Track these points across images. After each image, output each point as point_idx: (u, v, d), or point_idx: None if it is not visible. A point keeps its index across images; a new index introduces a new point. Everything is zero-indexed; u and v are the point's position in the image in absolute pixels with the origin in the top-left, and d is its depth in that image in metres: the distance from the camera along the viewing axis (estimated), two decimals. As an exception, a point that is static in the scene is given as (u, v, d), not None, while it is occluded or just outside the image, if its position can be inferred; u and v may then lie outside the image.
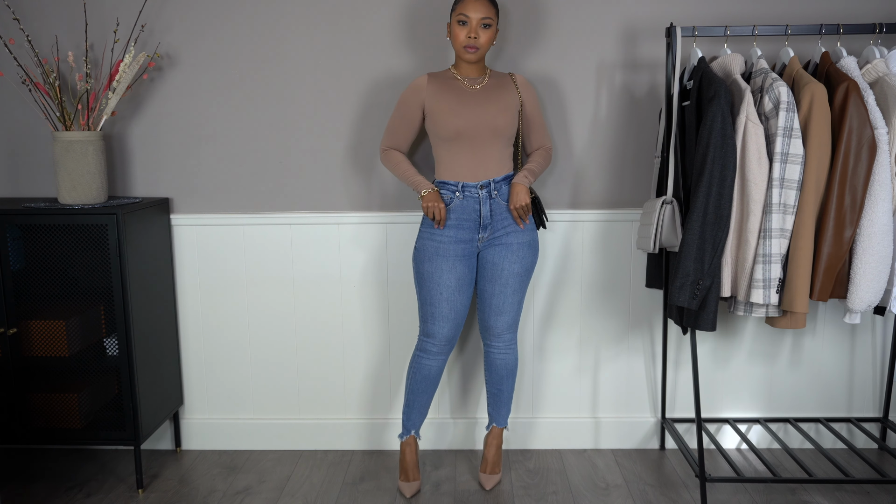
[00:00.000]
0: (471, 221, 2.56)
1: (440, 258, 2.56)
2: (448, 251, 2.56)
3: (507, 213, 2.57)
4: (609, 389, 3.03)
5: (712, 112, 2.34)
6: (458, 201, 2.55)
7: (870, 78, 2.46)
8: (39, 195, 2.96)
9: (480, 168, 2.54)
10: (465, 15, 2.44)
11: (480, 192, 2.54)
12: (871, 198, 2.38)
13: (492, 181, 2.55)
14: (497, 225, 2.58)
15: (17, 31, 2.85)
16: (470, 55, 2.48)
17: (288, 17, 2.83)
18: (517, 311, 2.65)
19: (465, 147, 2.53)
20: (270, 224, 2.94)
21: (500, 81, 2.60)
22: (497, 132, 2.52)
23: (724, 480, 2.50)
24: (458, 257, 2.57)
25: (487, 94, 2.55)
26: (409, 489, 2.69)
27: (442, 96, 2.54)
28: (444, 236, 2.56)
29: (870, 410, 3.02)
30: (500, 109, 2.52)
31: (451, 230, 2.57)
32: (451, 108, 2.51)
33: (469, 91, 2.54)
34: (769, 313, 2.46)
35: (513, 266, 2.58)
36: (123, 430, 2.68)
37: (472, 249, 2.60)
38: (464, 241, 2.57)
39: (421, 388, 2.68)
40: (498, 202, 2.57)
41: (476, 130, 2.51)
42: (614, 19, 2.81)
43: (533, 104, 2.63)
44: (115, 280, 2.59)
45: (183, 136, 2.91)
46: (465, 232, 2.57)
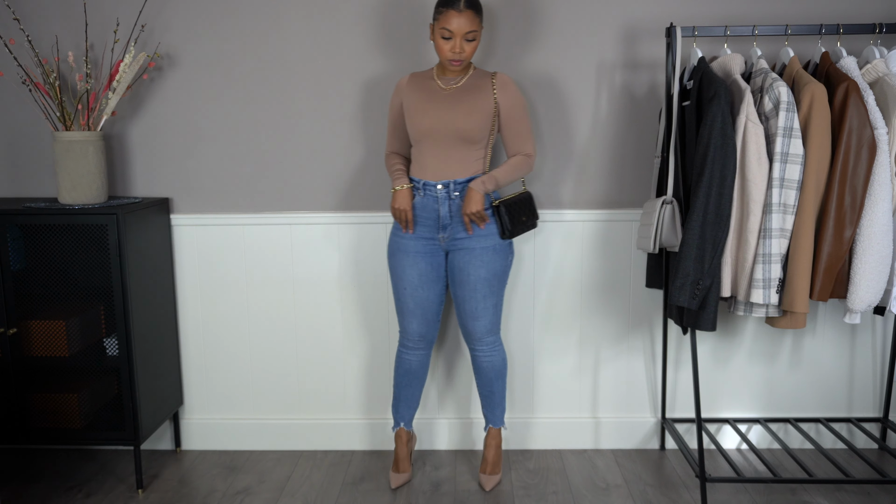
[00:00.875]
0: (431, 220, 2.57)
1: (402, 254, 2.60)
2: (409, 247, 2.59)
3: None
4: (609, 389, 3.03)
5: (712, 112, 2.34)
6: (419, 198, 2.57)
7: (870, 78, 2.46)
8: (39, 195, 2.96)
9: (443, 168, 2.53)
10: (449, 30, 2.40)
11: (440, 191, 2.53)
12: (870, 198, 2.38)
13: (452, 182, 2.53)
14: (457, 227, 2.56)
15: (17, 31, 2.85)
16: (455, 67, 2.47)
17: (288, 17, 2.83)
18: (494, 314, 2.63)
19: (431, 147, 2.52)
20: (270, 224, 2.94)
21: (479, 82, 2.54)
22: (462, 135, 2.49)
23: (725, 481, 2.50)
24: (420, 254, 2.59)
25: (459, 95, 2.51)
26: (395, 480, 2.74)
27: (415, 96, 2.54)
28: (406, 232, 2.60)
29: (870, 410, 3.02)
30: (468, 112, 2.48)
31: (414, 226, 2.59)
32: (421, 108, 2.51)
33: (441, 92, 2.53)
34: (769, 313, 2.46)
35: (478, 271, 2.56)
36: (123, 430, 2.68)
37: (434, 247, 2.60)
38: (424, 237, 2.59)
39: (405, 382, 2.74)
40: (458, 203, 2.55)
41: (441, 132, 2.50)
42: (614, 19, 2.81)
43: (511, 106, 2.54)
44: (115, 280, 2.59)
45: (183, 136, 2.91)
46: (426, 230, 2.58)
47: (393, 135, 2.67)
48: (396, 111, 2.62)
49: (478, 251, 2.55)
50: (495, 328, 2.65)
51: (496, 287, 2.60)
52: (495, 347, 2.68)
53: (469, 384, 3.03)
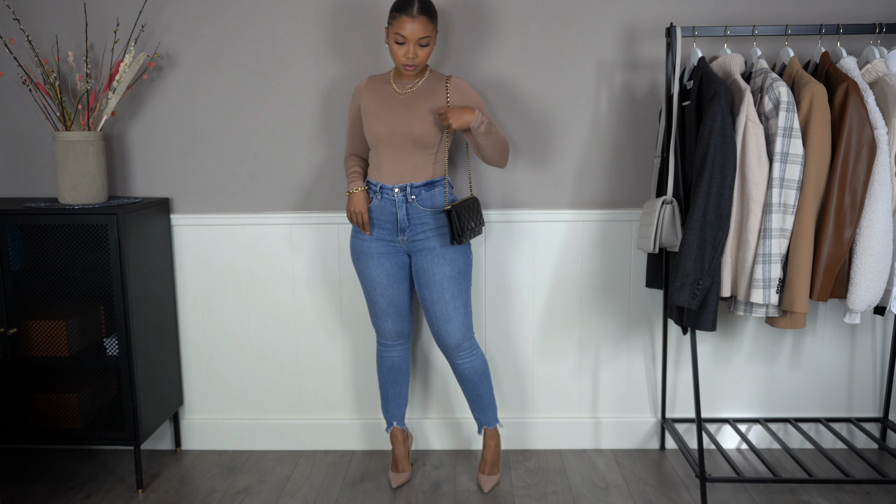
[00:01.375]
0: (389, 223, 2.57)
1: (366, 256, 2.61)
2: (371, 249, 2.60)
3: (425, 217, 2.55)
4: (609, 389, 3.03)
5: (712, 112, 2.34)
6: (377, 202, 2.57)
7: (869, 78, 2.46)
8: (39, 195, 2.96)
9: (399, 172, 2.53)
10: (403, 36, 2.38)
11: (397, 194, 2.53)
12: (870, 198, 2.38)
13: (409, 185, 2.52)
14: (416, 229, 2.56)
15: (17, 31, 2.85)
16: (409, 72, 2.46)
17: (288, 18, 2.83)
18: (465, 316, 2.59)
19: (386, 151, 2.52)
20: (270, 224, 2.94)
21: (433, 86, 2.53)
22: (415, 140, 2.49)
23: (724, 480, 2.50)
24: (383, 254, 2.60)
25: (413, 100, 2.51)
26: (395, 480, 2.74)
27: (371, 100, 2.54)
28: (365, 234, 2.61)
29: (870, 410, 3.02)
30: (420, 117, 2.48)
31: (373, 229, 2.60)
32: (376, 113, 2.52)
33: (396, 96, 2.52)
34: (769, 313, 2.46)
35: (442, 269, 2.54)
36: (123, 430, 2.68)
37: (395, 248, 2.61)
38: (385, 239, 2.60)
39: (390, 380, 2.75)
40: (415, 206, 2.54)
41: (394, 137, 2.50)
42: (614, 19, 2.81)
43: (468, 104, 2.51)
44: (115, 280, 2.59)
45: (183, 136, 2.91)
46: (386, 232, 2.59)
47: (351, 137, 2.67)
48: (354, 114, 2.62)
49: (439, 250, 2.55)
50: (468, 331, 2.62)
51: (463, 285, 2.58)
52: (473, 352, 2.64)
53: (469, 384, 3.03)
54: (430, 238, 2.55)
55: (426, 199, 2.54)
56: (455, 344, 2.59)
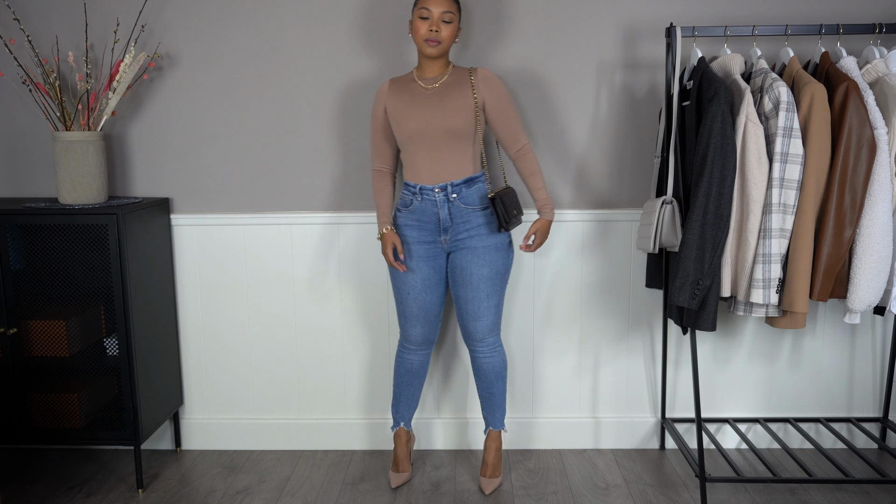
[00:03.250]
0: (431, 224, 2.56)
1: (405, 258, 2.60)
2: (411, 252, 2.59)
3: (468, 215, 2.54)
4: (609, 389, 3.03)
5: (712, 112, 2.34)
6: (418, 203, 2.55)
7: (869, 78, 2.46)
8: (39, 195, 2.96)
9: (438, 170, 2.51)
10: (427, 9, 2.41)
11: (438, 195, 2.52)
12: (870, 198, 2.38)
13: (450, 184, 2.52)
14: (458, 228, 2.55)
15: (17, 31, 2.85)
16: (431, 49, 2.44)
17: (288, 18, 2.83)
18: (495, 315, 2.62)
19: (423, 149, 2.50)
20: (270, 224, 2.94)
21: (459, 79, 2.52)
22: (453, 133, 2.47)
23: (724, 480, 2.50)
24: (422, 258, 2.59)
25: (443, 94, 2.49)
26: (395, 479, 2.73)
27: (399, 99, 2.52)
28: (408, 236, 2.59)
29: (870, 410, 3.02)
30: (455, 109, 2.47)
31: (413, 230, 2.58)
32: (407, 111, 2.49)
33: (424, 92, 2.51)
34: (769, 313, 2.46)
35: (481, 270, 2.55)
36: (123, 430, 2.68)
37: (436, 250, 2.60)
38: (426, 241, 2.58)
39: (405, 382, 2.74)
40: (457, 205, 2.53)
41: (430, 132, 2.48)
42: (614, 19, 2.81)
43: (495, 99, 2.51)
44: (115, 280, 2.59)
45: (183, 136, 2.91)
46: (427, 233, 2.58)
47: (378, 145, 2.63)
48: (380, 118, 2.59)
49: (480, 250, 2.54)
50: (496, 328, 2.64)
51: (498, 286, 2.59)
52: (496, 348, 2.66)
53: (467, 383, 3.03)
54: (473, 237, 2.55)
55: (467, 196, 2.53)
56: (479, 337, 2.62)
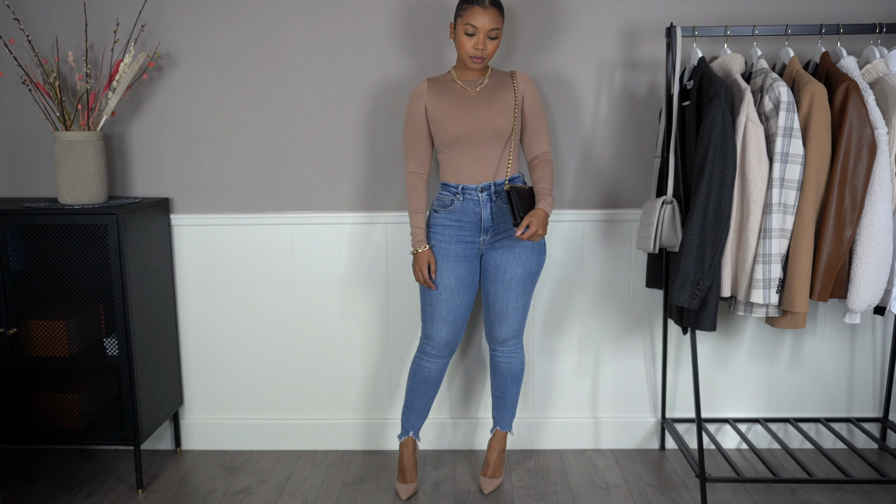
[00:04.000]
0: (472, 224, 2.54)
1: (441, 258, 2.55)
2: (449, 251, 2.55)
3: (508, 215, 2.54)
4: (609, 389, 3.03)
5: (712, 112, 2.34)
6: (459, 203, 2.53)
7: (870, 78, 2.46)
8: (39, 195, 2.96)
9: (481, 171, 2.51)
10: (473, 26, 2.37)
11: (481, 194, 2.52)
12: (870, 198, 2.38)
13: (493, 184, 2.52)
14: (499, 228, 2.55)
15: (17, 31, 2.85)
16: (476, 65, 2.44)
17: (288, 17, 2.83)
18: (522, 317, 2.60)
19: (466, 150, 2.50)
20: (270, 224, 2.94)
21: (500, 81, 2.54)
22: (498, 134, 2.48)
23: (724, 480, 2.50)
24: (459, 258, 2.56)
25: (487, 96, 2.50)
26: (405, 491, 2.67)
27: (442, 101, 2.50)
28: (446, 236, 2.55)
29: (870, 410, 3.02)
30: (500, 111, 2.48)
31: (452, 230, 2.55)
32: (451, 113, 2.47)
33: (468, 95, 2.50)
34: (769, 313, 2.46)
35: (515, 269, 2.54)
36: (123, 430, 2.68)
37: (473, 251, 2.57)
38: (465, 241, 2.56)
39: (420, 391, 2.67)
40: (499, 205, 2.54)
41: (476, 134, 2.47)
42: (614, 19, 2.81)
43: (532, 102, 2.53)
44: (115, 280, 2.59)
45: (183, 136, 2.91)
46: (467, 233, 2.55)
47: (415, 147, 2.57)
48: (419, 118, 2.54)
49: (517, 249, 2.54)
50: (520, 331, 2.63)
51: (528, 287, 2.58)
52: (516, 350, 2.65)
53: (471, 385, 3.03)
54: (511, 237, 2.55)
55: None
56: (503, 339, 2.61)
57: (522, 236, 2.39)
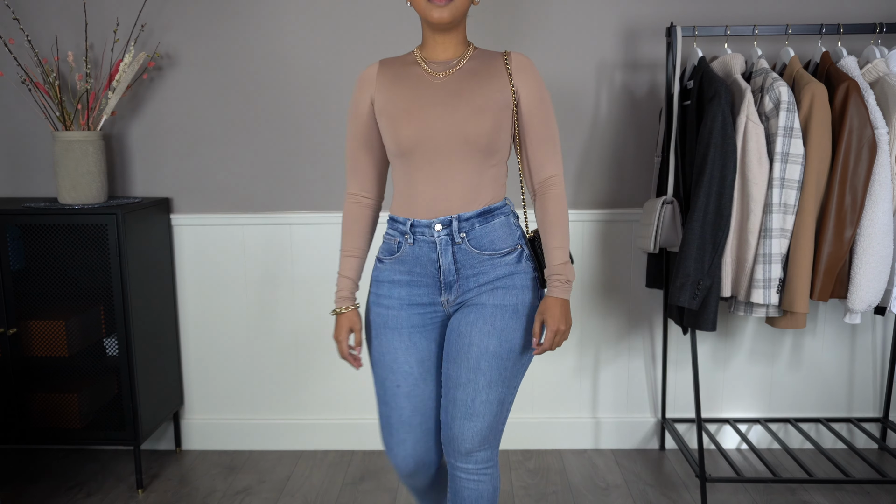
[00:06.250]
0: (427, 276, 1.74)
1: (390, 331, 1.76)
2: (401, 321, 1.76)
3: (482, 265, 1.72)
4: (609, 389, 3.03)
5: (712, 112, 2.34)
6: (408, 248, 1.74)
7: (870, 78, 2.46)
8: (39, 195, 2.96)
9: (442, 198, 1.70)
10: None
11: (439, 234, 1.71)
12: (871, 198, 2.38)
13: (456, 218, 1.70)
14: (468, 283, 1.73)
15: (17, 31, 2.85)
16: (439, 13, 1.64)
17: (288, 17, 2.83)
18: (495, 417, 1.72)
19: (422, 166, 1.70)
20: (270, 224, 2.94)
21: (485, 65, 1.73)
22: (469, 143, 1.67)
23: (725, 481, 2.50)
24: (417, 328, 1.76)
25: (460, 84, 1.69)
26: None
27: (393, 91, 1.72)
28: (394, 297, 1.76)
29: (870, 410, 3.02)
30: (477, 108, 1.67)
31: (402, 289, 1.76)
32: (402, 108, 1.69)
33: (432, 82, 1.71)
34: (769, 313, 2.46)
35: (485, 340, 1.69)
36: (123, 430, 2.68)
37: (435, 318, 1.78)
38: (421, 304, 1.76)
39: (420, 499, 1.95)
40: (466, 250, 1.71)
41: (436, 142, 1.67)
42: (614, 19, 2.81)
43: (534, 99, 1.73)
44: (115, 280, 2.59)
45: (183, 136, 2.91)
46: (423, 292, 1.75)
47: (356, 158, 1.81)
48: (362, 116, 1.77)
49: (490, 309, 1.71)
50: (493, 440, 1.75)
51: (509, 371, 1.73)
52: (486, 470, 1.76)
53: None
54: (484, 293, 1.72)
55: (482, 236, 1.72)
56: (466, 449, 1.73)
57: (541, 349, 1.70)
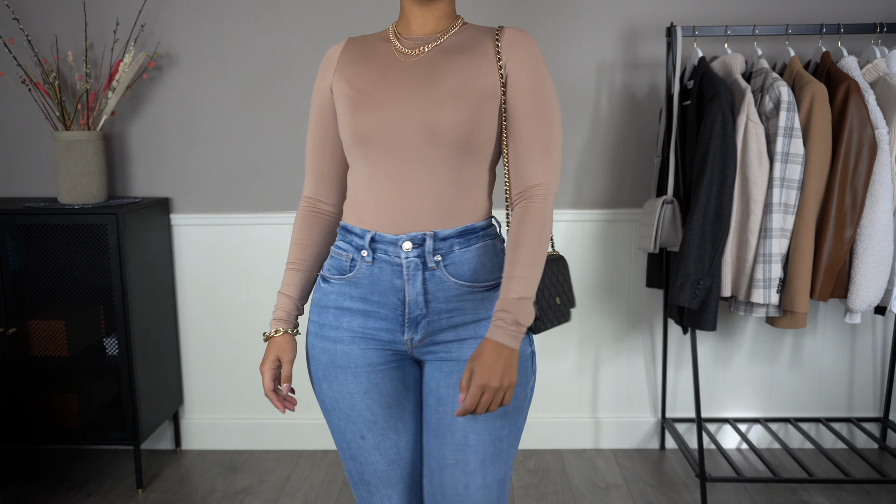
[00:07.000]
0: (388, 308, 1.38)
1: (340, 371, 1.40)
2: (352, 358, 1.40)
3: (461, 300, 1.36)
4: (609, 389, 3.03)
5: (713, 112, 2.34)
6: (365, 268, 1.38)
7: (870, 77, 2.46)
8: (39, 195, 2.96)
9: (410, 208, 1.35)
10: None
11: (406, 255, 1.35)
12: (871, 198, 2.38)
13: (431, 236, 1.35)
14: (439, 323, 1.37)
15: (16, 31, 2.85)
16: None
17: (288, 17, 2.83)
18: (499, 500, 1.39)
19: (384, 165, 1.35)
20: (270, 224, 2.93)
21: (470, 41, 1.38)
22: (434, 138, 1.32)
23: (725, 480, 2.50)
24: (376, 367, 1.40)
25: (433, 65, 1.35)
26: None
27: (353, 71, 1.39)
28: (342, 329, 1.40)
29: (870, 410, 3.02)
30: (445, 95, 1.32)
31: (354, 318, 1.40)
32: (362, 91, 1.36)
33: (402, 61, 1.37)
34: (770, 313, 2.46)
35: None
36: (123, 430, 2.68)
37: (399, 356, 1.42)
38: (378, 339, 1.40)
39: None
40: (441, 278, 1.36)
41: (396, 134, 1.34)
42: (614, 19, 2.81)
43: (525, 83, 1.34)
44: (115, 280, 2.59)
45: (183, 136, 2.91)
46: (380, 325, 1.39)
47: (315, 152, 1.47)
48: (322, 104, 1.44)
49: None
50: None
51: (505, 443, 1.38)
52: None
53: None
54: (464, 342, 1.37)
55: (463, 262, 1.36)
56: None
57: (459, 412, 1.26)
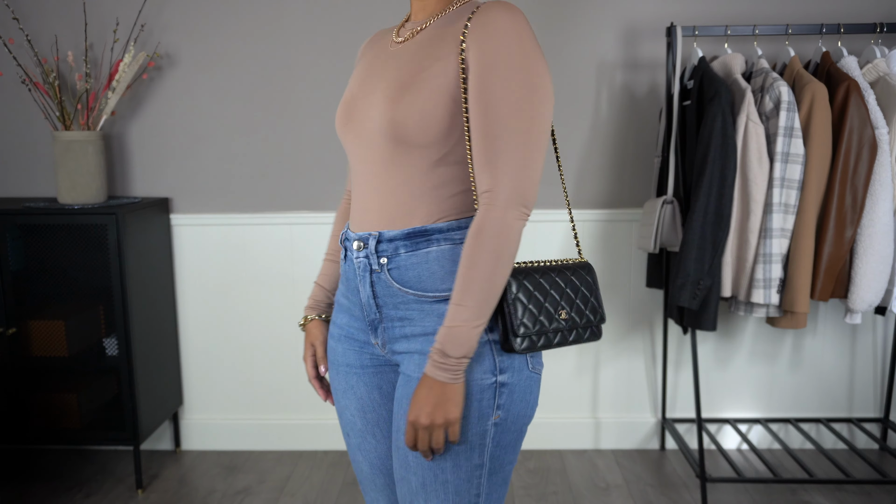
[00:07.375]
0: (357, 307, 1.35)
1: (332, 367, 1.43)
2: (336, 354, 1.41)
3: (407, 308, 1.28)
4: (609, 389, 3.03)
5: (713, 112, 2.34)
6: (343, 267, 1.38)
7: (871, 77, 2.46)
8: (39, 195, 2.96)
9: (365, 206, 1.31)
10: None
11: (355, 253, 1.32)
12: (871, 198, 2.37)
13: (374, 237, 1.29)
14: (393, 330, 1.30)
15: (16, 31, 2.85)
16: None
17: (288, 17, 2.83)
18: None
19: (353, 162, 1.34)
20: (270, 224, 2.93)
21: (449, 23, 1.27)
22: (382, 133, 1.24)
23: (725, 481, 2.49)
24: (353, 369, 1.38)
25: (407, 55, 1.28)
26: None
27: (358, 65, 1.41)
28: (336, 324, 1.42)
29: (870, 411, 3.02)
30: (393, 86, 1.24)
31: (342, 314, 1.40)
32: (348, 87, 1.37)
33: (388, 51, 1.33)
34: (770, 313, 2.46)
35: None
36: (123, 430, 2.68)
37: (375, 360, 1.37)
38: (356, 339, 1.38)
39: None
40: (386, 282, 1.28)
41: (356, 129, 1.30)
42: (614, 19, 2.81)
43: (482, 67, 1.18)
44: (115, 280, 2.59)
45: (183, 136, 2.91)
46: (357, 325, 1.37)
47: None
48: None
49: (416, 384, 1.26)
50: None
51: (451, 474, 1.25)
52: None
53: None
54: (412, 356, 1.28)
55: (408, 267, 1.27)
56: None
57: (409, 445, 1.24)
